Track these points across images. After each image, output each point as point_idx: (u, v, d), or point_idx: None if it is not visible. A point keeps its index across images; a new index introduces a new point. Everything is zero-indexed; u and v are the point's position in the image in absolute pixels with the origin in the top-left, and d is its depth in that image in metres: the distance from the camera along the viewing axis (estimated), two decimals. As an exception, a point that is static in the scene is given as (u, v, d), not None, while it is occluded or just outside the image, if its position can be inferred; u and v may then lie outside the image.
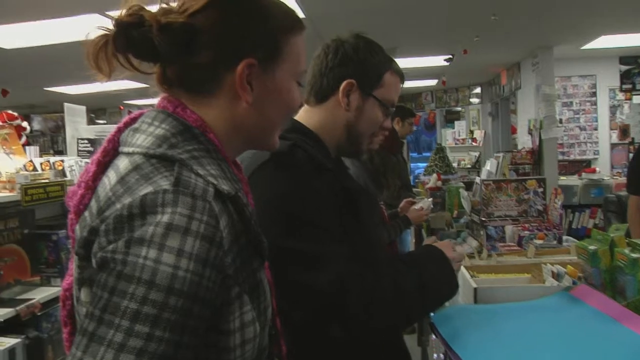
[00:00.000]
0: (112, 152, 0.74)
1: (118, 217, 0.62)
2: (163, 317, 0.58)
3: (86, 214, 0.70)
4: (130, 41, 0.71)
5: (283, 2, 0.81)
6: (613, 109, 6.79)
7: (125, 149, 0.72)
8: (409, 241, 3.83)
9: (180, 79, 0.75)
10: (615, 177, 5.25)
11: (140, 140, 0.71)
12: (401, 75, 1.26)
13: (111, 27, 0.72)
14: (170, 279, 0.59)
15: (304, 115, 1.23)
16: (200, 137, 0.72)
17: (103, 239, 0.62)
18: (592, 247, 1.24)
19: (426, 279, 1.09)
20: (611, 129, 6.79)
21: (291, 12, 0.81)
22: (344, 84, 1.17)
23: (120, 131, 0.76)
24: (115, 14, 0.75)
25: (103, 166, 0.73)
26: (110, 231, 0.62)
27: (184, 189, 0.63)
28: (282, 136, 1.10)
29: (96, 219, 0.65)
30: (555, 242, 2.00)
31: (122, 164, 0.69)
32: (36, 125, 8.27)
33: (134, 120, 0.77)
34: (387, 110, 1.23)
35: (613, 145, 6.77)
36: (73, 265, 0.72)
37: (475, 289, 1.30)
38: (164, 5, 0.74)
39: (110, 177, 0.69)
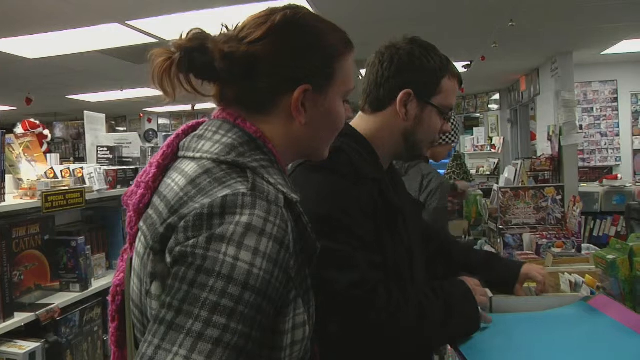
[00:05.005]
0: (171, 155, 0.80)
1: (198, 215, 0.65)
2: (238, 311, 0.62)
3: (150, 211, 0.74)
4: (193, 64, 0.75)
5: (336, 26, 0.85)
6: (636, 115, 6.66)
7: (190, 154, 0.76)
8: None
9: (238, 99, 0.80)
10: (638, 184, 5.13)
11: (207, 146, 0.75)
12: (459, 77, 1.23)
13: (173, 49, 0.75)
14: (247, 275, 0.63)
15: (360, 122, 1.22)
16: (264, 149, 0.77)
17: (181, 235, 0.65)
18: (610, 257, 1.22)
19: (451, 312, 1.06)
20: (633, 135, 6.66)
21: (343, 35, 0.85)
22: (401, 94, 1.14)
23: (179, 137, 0.82)
24: (135, 23, 0.78)
25: (163, 169, 0.79)
26: (189, 228, 0.65)
27: (260, 193, 0.68)
28: None
29: (172, 217, 0.68)
30: (573, 250, 1.96)
31: (188, 167, 0.74)
32: (58, 133, 8.41)
33: (193, 128, 0.82)
34: (446, 116, 1.20)
35: (636, 152, 6.64)
36: (136, 261, 0.75)
37: (490, 298, 1.28)
38: (225, 32, 0.79)
39: (176, 179, 0.73)
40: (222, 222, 0.64)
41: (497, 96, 9.06)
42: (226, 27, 0.80)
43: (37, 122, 2.94)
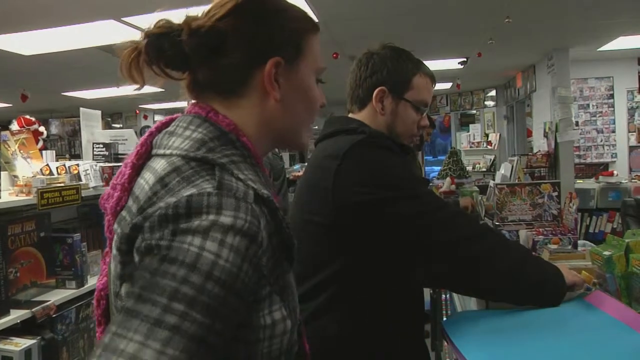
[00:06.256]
0: (145, 155, 0.77)
1: (163, 216, 0.63)
2: (199, 300, 0.59)
3: (124, 213, 0.72)
4: (161, 50, 0.74)
5: (298, 6, 0.85)
6: (631, 111, 6.68)
7: (161, 151, 0.74)
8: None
9: (210, 81, 0.78)
10: (634, 181, 5.15)
11: (177, 143, 0.73)
12: (431, 75, 1.38)
13: (140, 38, 0.75)
14: (211, 265, 0.60)
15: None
16: (236, 143, 0.75)
17: (147, 235, 0.64)
18: (606, 253, 1.22)
19: (530, 258, 1.17)
20: (629, 132, 6.68)
21: (307, 15, 0.86)
22: (376, 91, 1.31)
23: (152, 135, 0.79)
24: (131, 19, 0.78)
25: (138, 169, 0.76)
26: (154, 228, 0.63)
27: (227, 191, 0.65)
28: (353, 130, 1.26)
29: (138, 216, 0.67)
30: (570, 246, 1.96)
31: (159, 165, 0.72)
32: (54, 130, 8.40)
33: (165, 124, 0.80)
34: (420, 110, 1.34)
35: (631, 148, 6.66)
36: (112, 264, 0.74)
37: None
38: (191, 14, 0.78)
39: (147, 178, 0.71)
40: (189, 222, 0.62)
41: (493, 92, 9.06)
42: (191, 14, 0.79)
43: (33, 119, 2.92)
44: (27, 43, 4.33)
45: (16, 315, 1.94)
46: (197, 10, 0.81)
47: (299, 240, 0.78)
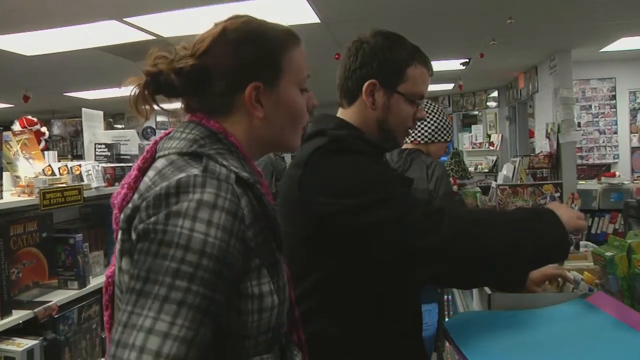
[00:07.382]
0: (150, 159, 0.89)
1: (157, 196, 0.75)
2: (198, 275, 0.70)
3: (129, 205, 0.82)
4: (157, 86, 0.88)
5: (275, 24, 0.92)
6: (634, 112, 6.68)
7: (162, 153, 0.86)
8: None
9: (201, 106, 0.90)
10: (636, 182, 5.13)
11: (175, 143, 0.85)
12: (428, 65, 1.26)
13: (143, 76, 0.88)
14: (202, 243, 0.71)
15: (341, 116, 1.28)
16: (224, 140, 0.86)
17: (143, 213, 0.75)
18: (608, 254, 1.22)
19: (527, 229, 1.09)
20: (631, 133, 6.67)
21: (284, 30, 0.92)
22: (366, 84, 1.21)
23: (156, 143, 0.91)
24: (132, 20, 0.86)
25: (143, 171, 0.87)
26: (150, 207, 0.74)
27: (210, 174, 0.77)
28: (327, 130, 1.20)
29: (137, 200, 0.78)
30: (572, 247, 1.96)
31: (159, 163, 0.84)
32: (56, 130, 8.39)
33: (168, 134, 0.92)
34: (415, 103, 1.24)
35: (634, 149, 6.66)
36: (117, 245, 0.83)
37: (489, 295, 1.29)
38: (178, 52, 0.89)
39: (150, 175, 0.83)
40: (178, 200, 0.73)
41: (495, 93, 9.05)
42: (184, 47, 0.89)
43: (35, 120, 2.93)
44: (29, 43, 4.34)
45: (18, 315, 1.94)
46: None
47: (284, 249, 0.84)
